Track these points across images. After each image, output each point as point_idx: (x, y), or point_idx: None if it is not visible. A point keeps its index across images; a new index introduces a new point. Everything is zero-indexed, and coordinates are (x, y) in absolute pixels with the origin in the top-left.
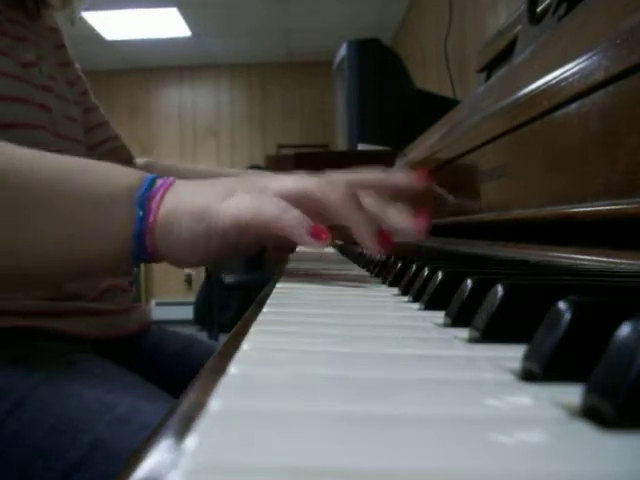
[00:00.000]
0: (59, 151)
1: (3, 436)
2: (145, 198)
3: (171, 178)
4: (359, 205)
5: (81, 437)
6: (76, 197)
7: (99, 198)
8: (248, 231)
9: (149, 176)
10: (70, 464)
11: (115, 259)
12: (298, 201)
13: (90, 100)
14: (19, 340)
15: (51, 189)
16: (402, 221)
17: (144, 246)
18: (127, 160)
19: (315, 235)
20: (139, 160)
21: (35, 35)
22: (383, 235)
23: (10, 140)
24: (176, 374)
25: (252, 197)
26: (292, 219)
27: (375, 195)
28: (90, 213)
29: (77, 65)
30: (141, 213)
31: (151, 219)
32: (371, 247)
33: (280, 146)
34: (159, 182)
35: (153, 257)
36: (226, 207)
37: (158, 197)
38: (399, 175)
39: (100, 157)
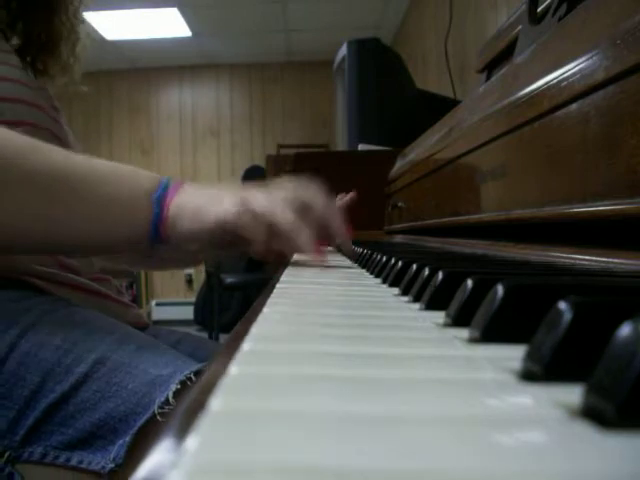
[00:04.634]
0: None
1: (16, 356)
2: (161, 198)
3: (180, 181)
4: (304, 228)
5: (86, 355)
6: (110, 195)
7: (126, 200)
8: (227, 230)
9: (164, 180)
10: (78, 377)
11: (137, 241)
12: (267, 218)
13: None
14: (24, 286)
15: (92, 188)
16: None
17: (158, 233)
18: None
19: (269, 241)
20: None
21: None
22: (318, 249)
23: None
24: None
25: (233, 208)
26: (259, 229)
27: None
28: (120, 208)
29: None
30: (157, 210)
31: (164, 215)
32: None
33: (280, 146)
34: (171, 185)
35: (165, 241)
36: (214, 210)
37: (169, 198)
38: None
39: None
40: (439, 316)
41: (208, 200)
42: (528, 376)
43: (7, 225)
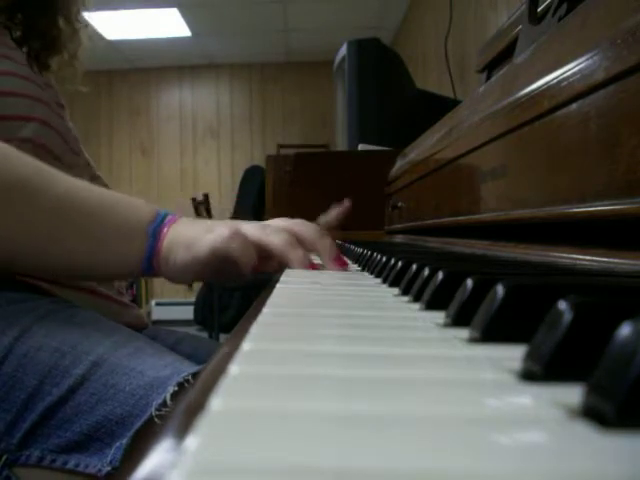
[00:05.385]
0: (73, 152)
1: (14, 358)
2: (156, 231)
3: (177, 216)
4: (296, 246)
5: (84, 357)
6: (105, 224)
7: (122, 227)
8: (219, 257)
9: (162, 213)
10: (75, 379)
11: (129, 272)
12: (256, 244)
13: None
14: (27, 287)
15: (87, 214)
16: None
17: (151, 265)
18: None
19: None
20: None
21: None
22: (312, 265)
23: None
24: None
25: (224, 234)
26: (249, 251)
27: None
28: (114, 238)
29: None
30: (152, 242)
31: (158, 246)
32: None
33: (280, 146)
34: (168, 218)
35: (156, 273)
36: (206, 239)
37: (165, 230)
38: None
39: None
40: (439, 316)
41: (200, 231)
42: (528, 376)
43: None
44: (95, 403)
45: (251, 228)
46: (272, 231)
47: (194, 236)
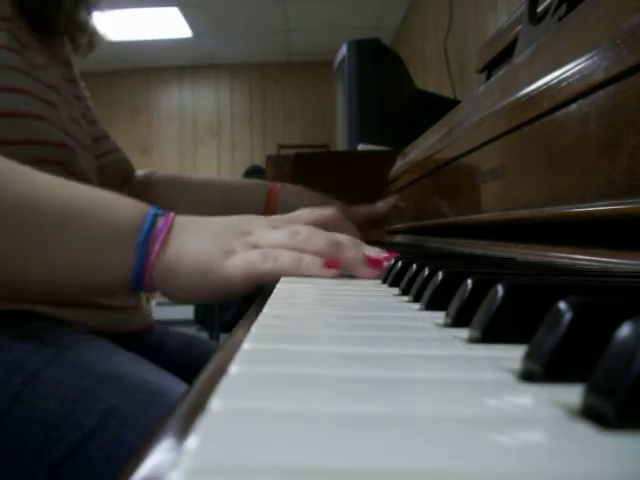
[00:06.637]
0: (64, 145)
1: (19, 408)
2: (147, 241)
3: (170, 217)
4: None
5: (94, 406)
6: (84, 231)
7: (105, 235)
8: (251, 284)
9: (151, 214)
10: (84, 432)
11: (115, 288)
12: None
13: (93, 114)
14: (27, 321)
15: (63, 222)
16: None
17: (142, 281)
18: (128, 172)
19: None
20: (139, 171)
21: (43, 45)
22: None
23: (15, 129)
24: (176, 373)
25: (253, 259)
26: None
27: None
28: (96, 247)
29: (82, 83)
30: (141, 255)
31: (151, 261)
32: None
33: (280, 146)
34: (160, 223)
35: (150, 290)
36: (231, 266)
37: (158, 242)
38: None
39: (102, 168)
40: (439, 316)
41: (216, 250)
42: (528, 376)
43: None
44: (105, 459)
45: (279, 237)
46: (305, 239)
47: (210, 259)
